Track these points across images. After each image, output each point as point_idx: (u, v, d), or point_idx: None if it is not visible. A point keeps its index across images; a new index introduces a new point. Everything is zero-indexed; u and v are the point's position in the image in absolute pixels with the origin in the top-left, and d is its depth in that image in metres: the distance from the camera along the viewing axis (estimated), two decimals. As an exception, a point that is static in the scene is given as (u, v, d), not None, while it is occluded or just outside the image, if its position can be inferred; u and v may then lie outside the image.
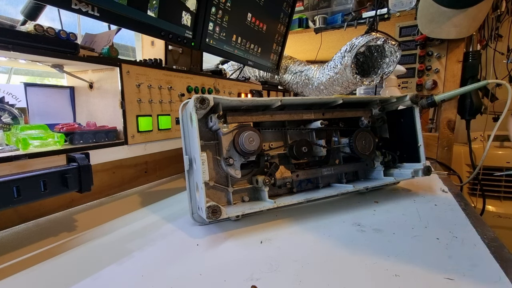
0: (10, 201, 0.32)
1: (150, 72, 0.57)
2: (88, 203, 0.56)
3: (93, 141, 0.49)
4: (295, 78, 1.12)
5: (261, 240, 0.39)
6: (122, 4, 0.49)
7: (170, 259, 0.34)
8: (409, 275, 0.30)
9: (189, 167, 0.42)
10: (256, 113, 0.46)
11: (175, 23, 0.61)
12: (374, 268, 0.31)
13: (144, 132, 0.56)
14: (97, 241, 0.40)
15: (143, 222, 0.46)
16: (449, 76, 1.04)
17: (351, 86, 0.86)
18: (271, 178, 0.46)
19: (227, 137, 0.44)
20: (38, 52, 0.41)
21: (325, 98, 0.49)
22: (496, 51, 1.40)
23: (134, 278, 0.31)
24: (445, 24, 0.94)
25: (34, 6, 0.51)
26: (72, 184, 0.37)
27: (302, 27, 1.41)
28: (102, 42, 0.58)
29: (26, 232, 0.43)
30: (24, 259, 0.35)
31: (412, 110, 0.54)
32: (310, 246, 0.37)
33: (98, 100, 0.55)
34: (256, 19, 0.88)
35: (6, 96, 0.51)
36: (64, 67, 0.51)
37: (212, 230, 0.42)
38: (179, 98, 0.64)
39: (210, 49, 0.74)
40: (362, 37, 0.76)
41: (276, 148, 0.50)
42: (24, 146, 0.41)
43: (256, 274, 0.31)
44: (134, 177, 0.68)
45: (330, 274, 0.31)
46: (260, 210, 0.42)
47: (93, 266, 0.33)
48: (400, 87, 1.12)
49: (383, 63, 0.78)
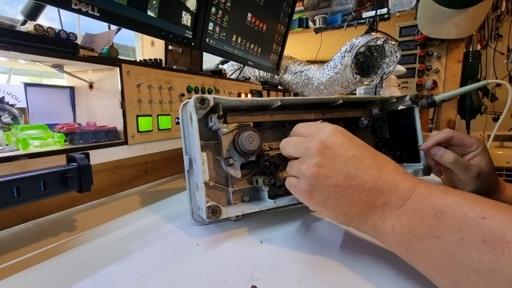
0: (10, 201, 0.32)
1: (150, 72, 0.57)
2: (88, 203, 0.56)
3: (93, 141, 0.49)
4: (295, 78, 1.12)
5: (261, 240, 0.39)
6: (122, 4, 0.49)
7: (170, 259, 0.34)
8: (409, 275, 0.30)
9: (189, 167, 0.42)
10: (256, 113, 0.46)
11: (175, 23, 0.61)
12: (374, 268, 0.31)
13: (144, 132, 0.56)
14: (97, 241, 0.40)
15: (143, 222, 0.46)
16: (449, 76, 1.04)
17: (351, 86, 0.86)
18: (271, 178, 0.46)
19: (227, 137, 0.44)
20: (38, 52, 0.41)
21: (325, 98, 0.49)
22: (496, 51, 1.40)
23: (134, 278, 0.31)
24: (445, 24, 0.94)
25: (34, 6, 0.51)
26: (72, 184, 0.37)
27: (302, 27, 1.41)
28: (102, 42, 0.58)
29: (26, 232, 0.43)
30: (24, 259, 0.35)
31: (412, 110, 0.54)
32: (310, 246, 0.37)
33: (98, 100, 0.55)
34: (256, 19, 0.88)
35: (6, 96, 0.51)
36: (64, 67, 0.51)
37: (212, 230, 0.42)
38: (179, 98, 0.64)
39: (210, 49, 0.74)
40: (362, 37, 0.76)
41: (276, 148, 0.50)
42: (24, 146, 0.41)
43: (256, 274, 0.31)
44: (134, 177, 0.68)
45: (330, 274, 0.31)
46: (260, 210, 0.42)
47: (93, 266, 0.33)
48: (400, 87, 1.12)
49: (383, 63, 0.78)
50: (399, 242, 0.28)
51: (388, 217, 0.28)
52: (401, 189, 0.29)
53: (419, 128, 0.53)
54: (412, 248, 0.27)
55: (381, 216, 0.29)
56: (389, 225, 0.28)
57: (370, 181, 0.29)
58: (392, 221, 0.28)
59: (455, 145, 0.50)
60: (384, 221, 0.29)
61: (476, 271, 0.22)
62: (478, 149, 0.49)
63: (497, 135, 0.95)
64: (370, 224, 0.30)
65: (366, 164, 0.30)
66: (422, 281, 0.29)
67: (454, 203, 0.26)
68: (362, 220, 0.30)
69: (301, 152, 0.34)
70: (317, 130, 0.34)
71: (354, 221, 0.31)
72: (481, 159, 0.48)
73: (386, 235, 0.29)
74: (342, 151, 0.31)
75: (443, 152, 0.48)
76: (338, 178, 0.30)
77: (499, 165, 1.12)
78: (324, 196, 0.31)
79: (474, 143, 0.49)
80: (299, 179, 0.33)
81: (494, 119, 1.30)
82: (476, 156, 0.49)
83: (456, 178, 0.49)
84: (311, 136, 0.34)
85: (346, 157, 0.31)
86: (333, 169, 0.30)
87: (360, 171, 0.30)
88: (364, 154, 0.31)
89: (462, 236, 0.24)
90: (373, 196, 0.29)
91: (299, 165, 0.33)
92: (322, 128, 0.34)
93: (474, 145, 0.49)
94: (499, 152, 1.15)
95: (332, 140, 0.32)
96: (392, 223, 0.28)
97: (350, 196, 0.30)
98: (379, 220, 0.29)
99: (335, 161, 0.31)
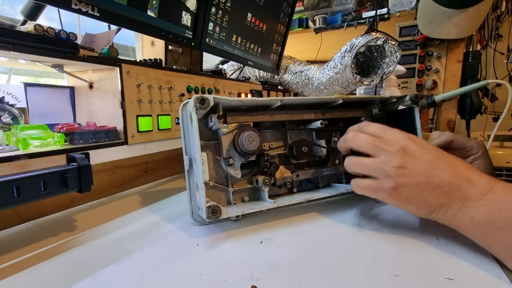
0: (10, 201, 0.32)
1: (150, 72, 0.57)
2: (88, 203, 0.56)
3: (93, 141, 0.49)
4: (295, 78, 1.12)
5: (261, 240, 0.39)
6: (122, 4, 0.49)
7: (170, 259, 0.34)
8: (409, 275, 0.30)
9: (189, 167, 0.42)
10: (256, 113, 0.46)
11: (175, 23, 0.61)
12: (374, 268, 0.31)
13: (144, 132, 0.56)
14: (97, 241, 0.40)
15: (143, 222, 0.46)
16: (449, 76, 1.04)
17: (351, 86, 0.86)
18: (271, 178, 0.46)
19: (227, 137, 0.45)
20: (38, 52, 0.41)
21: (325, 98, 0.49)
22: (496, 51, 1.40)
23: (134, 278, 0.31)
24: (445, 24, 0.94)
25: (34, 6, 0.51)
26: (72, 184, 0.37)
27: (302, 27, 1.41)
28: (102, 42, 0.58)
29: (26, 232, 0.43)
30: (24, 259, 0.35)
31: (412, 110, 0.54)
32: (310, 246, 0.37)
33: (98, 100, 0.55)
34: (256, 19, 0.88)
35: (6, 96, 0.51)
36: (64, 67, 0.51)
37: (212, 230, 0.42)
38: (179, 98, 0.64)
39: (210, 49, 0.74)
40: (362, 37, 0.76)
41: (276, 148, 0.50)
42: (24, 146, 0.41)
43: (256, 274, 0.31)
44: (134, 177, 0.68)
45: (330, 274, 0.31)
46: (260, 210, 0.42)
47: (93, 266, 0.33)
48: (400, 87, 1.12)
49: (383, 63, 0.78)
50: (477, 231, 0.32)
51: (467, 208, 0.32)
52: (479, 184, 0.33)
53: (419, 128, 0.53)
54: (490, 236, 0.31)
55: (460, 207, 0.33)
56: (468, 215, 0.32)
57: (448, 178, 0.33)
58: (471, 212, 0.32)
59: (455, 148, 0.50)
60: (463, 212, 0.32)
61: None
62: (478, 153, 0.49)
63: (497, 135, 0.95)
64: (450, 214, 0.33)
65: (441, 166, 0.35)
66: (422, 281, 0.29)
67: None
68: (442, 211, 0.34)
69: (378, 153, 0.37)
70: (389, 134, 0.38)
71: (434, 212, 0.34)
72: (481, 162, 0.49)
73: (465, 224, 0.33)
74: (420, 155, 0.35)
75: None
76: (421, 177, 0.34)
77: (499, 165, 1.12)
78: (409, 192, 0.35)
79: (475, 147, 0.49)
80: (380, 179, 0.36)
81: (494, 119, 1.30)
82: (476, 159, 0.49)
83: None
84: (384, 139, 0.37)
85: (424, 160, 0.35)
86: (415, 170, 0.35)
87: (438, 170, 0.34)
88: (438, 157, 0.36)
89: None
90: (452, 189, 0.33)
91: (378, 164, 0.36)
92: (396, 134, 0.38)
93: (475, 148, 0.49)
94: (499, 152, 1.15)
95: (409, 145, 0.36)
96: (471, 213, 0.32)
97: (432, 191, 0.34)
98: (458, 211, 0.33)
99: (416, 163, 0.35)
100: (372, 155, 0.38)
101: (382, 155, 0.36)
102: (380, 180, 0.36)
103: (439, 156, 0.36)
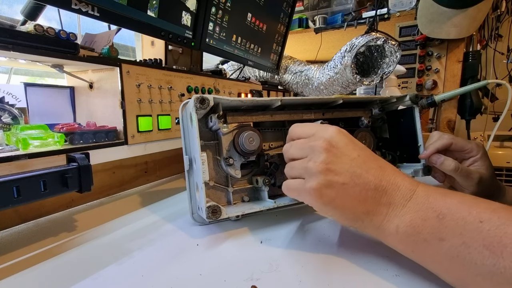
0: (10, 201, 0.32)
1: (150, 72, 0.57)
2: (88, 203, 0.56)
3: (93, 141, 0.49)
4: (295, 78, 1.12)
5: (261, 240, 0.39)
6: (122, 4, 0.49)
7: (170, 259, 0.34)
8: (409, 275, 0.30)
9: (189, 167, 0.42)
10: (256, 113, 0.46)
11: (175, 23, 0.61)
12: (374, 268, 0.31)
13: (144, 132, 0.56)
14: (97, 241, 0.40)
15: (143, 222, 0.46)
16: (449, 76, 1.04)
17: (351, 86, 0.86)
18: (271, 178, 0.46)
19: (227, 137, 0.44)
20: (38, 52, 0.41)
21: (325, 98, 0.49)
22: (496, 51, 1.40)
23: (134, 278, 0.31)
24: (445, 24, 0.94)
25: (34, 6, 0.51)
26: (72, 184, 0.37)
27: (302, 27, 1.41)
28: (102, 42, 0.58)
29: (26, 232, 0.43)
30: (24, 259, 0.35)
31: (412, 110, 0.54)
32: (310, 246, 0.37)
33: (98, 100, 0.55)
34: (256, 19, 0.88)
35: (6, 96, 0.51)
36: (64, 67, 0.51)
37: (212, 230, 0.42)
38: (179, 98, 0.64)
39: (210, 49, 0.74)
40: (362, 37, 0.76)
41: (276, 148, 0.50)
42: (24, 146, 0.41)
43: (256, 274, 0.31)
44: (134, 177, 0.68)
45: (330, 274, 0.31)
46: (260, 210, 0.42)
47: (93, 266, 0.33)
48: (400, 87, 1.12)
49: (383, 63, 0.78)
50: (404, 243, 0.29)
51: (392, 217, 0.29)
52: (402, 189, 0.30)
53: (419, 128, 0.53)
54: (418, 249, 0.28)
55: (386, 215, 0.29)
56: (393, 225, 0.29)
57: (374, 180, 0.30)
58: (396, 221, 0.29)
59: (455, 150, 0.50)
60: (388, 221, 0.29)
61: (480, 274, 0.23)
62: (478, 155, 0.49)
63: (497, 135, 0.95)
64: (375, 223, 0.30)
65: (369, 165, 0.31)
66: (422, 282, 0.29)
67: (452, 205, 0.26)
68: (367, 219, 0.31)
69: (306, 152, 0.33)
70: (318, 130, 0.34)
71: (360, 220, 0.31)
72: (481, 164, 0.48)
73: (390, 235, 0.29)
74: (347, 150, 0.32)
75: (443, 159, 0.48)
76: (345, 177, 0.30)
77: (499, 165, 1.12)
78: (333, 194, 0.30)
79: (474, 149, 0.49)
80: (305, 179, 0.33)
81: (494, 119, 1.30)
82: (476, 161, 0.49)
83: (457, 183, 0.49)
84: (313, 136, 0.34)
85: (351, 157, 0.31)
86: (340, 167, 0.31)
87: (364, 170, 0.31)
88: (366, 156, 0.32)
89: (464, 240, 0.24)
90: (378, 194, 0.30)
91: (303, 163, 0.33)
92: (325, 128, 0.34)
93: (474, 150, 0.49)
94: (499, 152, 1.15)
95: (336, 139, 0.32)
96: (396, 223, 0.29)
97: (357, 194, 0.30)
98: (384, 220, 0.30)
99: (342, 159, 0.31)
100: (302, 156, 0.34)
101: (309, 152, 0.33)
102: (305, 180, 0.32)
103: (368, 156, 0.32)
